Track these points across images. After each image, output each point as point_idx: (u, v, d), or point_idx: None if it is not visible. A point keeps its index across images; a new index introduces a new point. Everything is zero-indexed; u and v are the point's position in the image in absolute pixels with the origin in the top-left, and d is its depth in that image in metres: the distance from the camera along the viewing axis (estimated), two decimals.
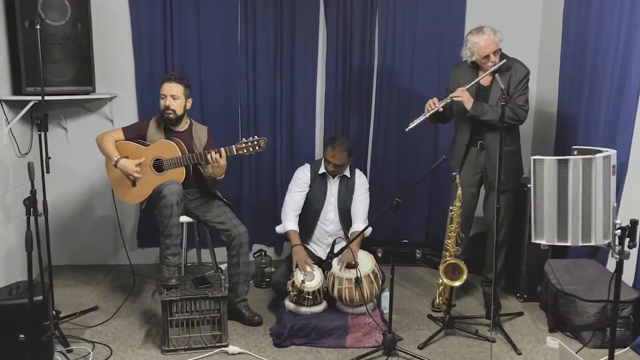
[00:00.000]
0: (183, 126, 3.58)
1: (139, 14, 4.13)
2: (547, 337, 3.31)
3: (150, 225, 4.28)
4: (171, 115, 3.46)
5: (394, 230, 3.08)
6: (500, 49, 3.40)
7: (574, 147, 2.46)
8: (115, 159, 3.42)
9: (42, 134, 3.22)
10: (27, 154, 3.98)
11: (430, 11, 4.35)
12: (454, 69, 3.68)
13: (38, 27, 3.15)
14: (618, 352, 3.09)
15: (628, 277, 3.32)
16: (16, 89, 3.82)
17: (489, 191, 3.64)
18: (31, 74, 3.72)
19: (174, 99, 3.44)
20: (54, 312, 3.24)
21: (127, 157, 3.45)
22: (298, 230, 3.72)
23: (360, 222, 3.68)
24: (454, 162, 3.67)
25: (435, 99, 3.46)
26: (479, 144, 3.56)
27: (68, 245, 4.38)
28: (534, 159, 2.25)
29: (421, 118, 3.41)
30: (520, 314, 3.66)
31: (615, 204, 2.23)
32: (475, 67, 3.51)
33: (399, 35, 4.36)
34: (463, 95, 3.39)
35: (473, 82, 3.43)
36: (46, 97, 3.71)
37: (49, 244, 3.29)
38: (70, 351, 3.13)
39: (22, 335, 2.80)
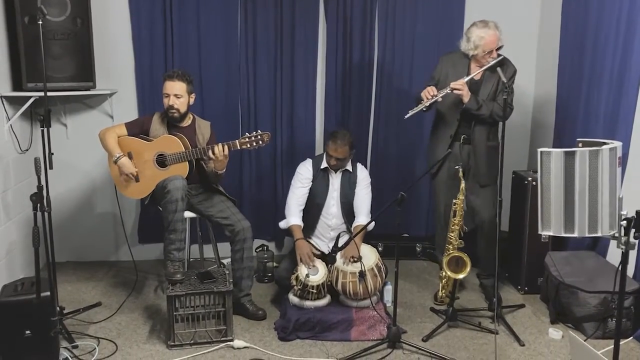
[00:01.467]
0: (186, 122, 3.58)
1: (138, 9, 4.12)
2: (549, 329, 3.35)
3: (151, 221, 4.29)
4: (176, 114, 3.47)
5: (398, 225, 3.08)
6: (502, 46, 3.43)
7: (578, 139, 2.49)
8: (117, 156, 3.41)
9: (45, 129, 3.20)
10: (27, 150, 3.97)
11: (430, 5, 4.36)
12: (444, 57, 3.68)
13: (40, 22, 3.13)
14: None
15: (629, 268, 3.34)
16: (16, 85, 3.80)
17: (472, 185, 3.65)
18: (31, 70, 3.70)
19: (178, 97, 3.44)
20: (57, 308, 3.24)
21: (130, 154, 3.46)
22: (302, 225, 3.73)
23: (363, 216, 3.70)
24: (435, 156, 3.66)
25: (432, 88, 3.47)
26: (462, 138, 3.59)
27: (69, 241, 4.36)
28: (541, 151, 2.28)
29: (420, 107, 3.45)
30: (522, 306, 3.69)
31: (621, 196, 2.25)
32: (468, 58, 3.53)
33: (398, 29, 4.37)
34: (464, 88, 3.41)
35: (471, 76, 3.45)
36: (47, 93, 3.72)
37: (52, 240, 3.28)
38: (76, 347, 3.13)
39: (28, 331, 2.81)
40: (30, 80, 3.72)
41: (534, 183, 3.72)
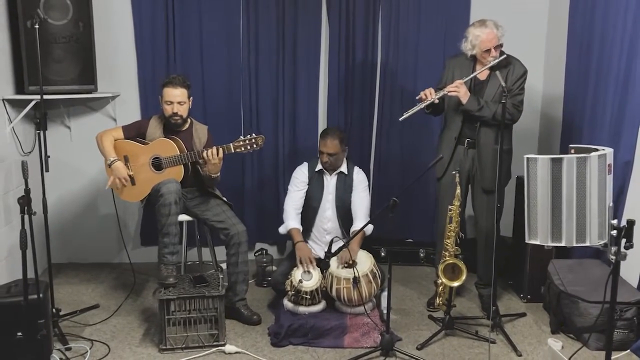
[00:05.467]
0: (184, 125, 3.57)
1: (141, 12, 4.14)
2: (548, 339, 3.25)
3: (153, 223, 4.24)
4: (179, 121, 3.48)
5: (390, 231, 3.03)
6: (502, 44, 3.34)
7: (571, 145, 2.40)
8: (111, 159, 3.42)
9: (42, 132, 3.24)
10: (30, 152, 4.01)
11: (434, 5, 4.29)
12: (450, 59, 3.62)
13: (37, 26, 3.16)
14: (620, 355, 3.03)
15: (632, 278, 3.26)
16: (19, 88, 3.85)
17: (477, 191, 3.57)
18: (33, 73, 3.74)
19: (181, 104, 3.44)
20: (54, 310, 3.26)
21: (126, 157, 3.47)
22: (301, 228, 3.70)
23: (360, 220, 3.64)
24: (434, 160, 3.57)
25: (431, 89, 3.41)
26: (466, 142, 3.50)
27: (72, 243, 4.40)
28: (527, 158, 2.20)
29: (416, 108, 3.38)
30: (523, 314, 3.61)
31: (611, 204, 2.17)
32: (473, 59, 3.46)
33: (402, 30, 4.32)
34: (460, 89, 3.33)
35: (471, 76, 3.37)
36: (48, 96, 3.77)
37: (48, 242, 3.31)
38: (69, 349, 3.15)
39: (19, 333, 2.82)
40: (32, 83, 3.76)
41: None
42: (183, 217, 3.56)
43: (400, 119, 3.42)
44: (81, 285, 4.06)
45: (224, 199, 3.64)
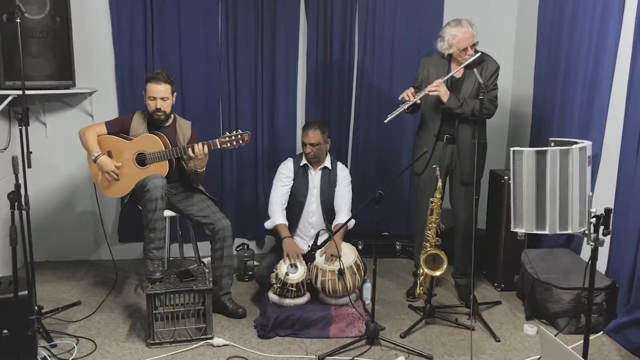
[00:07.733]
0: (168, 121, 3.58)
1: (118, 7, 4.11)
2: (524, 325, 3.42)
3: (131, 220, 4.29)
4: (162, 117, 3.48)
5: (377, 223, 3.12)
6: (477, 42, 3.47)
7: (551, 138, 2.55)
8: (95, 154, 3.41)
9: (23, 128, 3.19)
10: (5, 149, 3.94)
11: (409, 5, 4.42)
12: (425, 57, 3.72)
13: (18, 20, 3.11)
14: (591, 337, 3.20)
15: (601, 264, 3.44)
16: None
17: (456, 184, 3.70)
18: (9, 68, 3.68)
19: (164, 100, 3.44)
20: (36, 307, 3.23)
21: (109, 152, 3.46)
22: (287, 224, 3.76)
23: (343, 214, 3.73)
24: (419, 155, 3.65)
25: (411, 89, 3.52)
26: (445, 137, 3.62)
27: (48, 241, 4.34)
28: (513, 150, 2.33)
29: (399, 110, 3.48)
30: (498, 302, 3.76)
31: (590, 194, 2.32)
32: (448, 58, 3.58)
33: (378, 29, 4.43)
34: (440, 88, 3.44)
35: (449, 75, 3.49)
36: (26, 92, 3.70)
37: (30, 238, 3.26)
38: (54, 346, 3.12)
39: (5, 331, 2.80)
40: (8, 79, 3.69)
41: (510, 182, 3.78)
42: (167, 213, 3.57)
43: (385, 121, 3.51)
44: (60, 282, 4.02)
45: (208, 194, 3.67)
